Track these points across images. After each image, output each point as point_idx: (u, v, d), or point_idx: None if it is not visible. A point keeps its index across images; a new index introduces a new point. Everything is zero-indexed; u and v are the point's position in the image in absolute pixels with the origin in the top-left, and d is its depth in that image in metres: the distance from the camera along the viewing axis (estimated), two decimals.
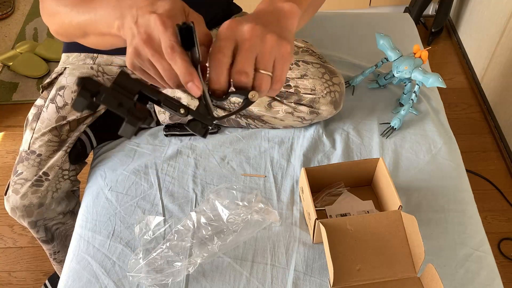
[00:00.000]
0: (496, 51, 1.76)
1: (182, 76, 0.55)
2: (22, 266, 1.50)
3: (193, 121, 0.58)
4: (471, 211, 0.95)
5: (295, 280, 0.85)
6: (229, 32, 0.57)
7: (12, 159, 1.78)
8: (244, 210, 0.89)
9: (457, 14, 2.13)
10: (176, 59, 0.55)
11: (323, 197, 0.95)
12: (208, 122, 0.58)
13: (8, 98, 1.98)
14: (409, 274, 0.81)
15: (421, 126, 1.09)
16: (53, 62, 2.10)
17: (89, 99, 0.53)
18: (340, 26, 1.35)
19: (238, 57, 0.56)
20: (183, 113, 0.57)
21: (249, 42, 0.56)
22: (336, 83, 1.01)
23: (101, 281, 0.86)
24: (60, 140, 1.00)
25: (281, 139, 1.07)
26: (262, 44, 0.57)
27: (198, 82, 0.56)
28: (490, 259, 0.88)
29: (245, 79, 0.56)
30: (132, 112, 0.54)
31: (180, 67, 0.55)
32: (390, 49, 1.07)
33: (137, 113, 0.54)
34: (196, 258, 0.85)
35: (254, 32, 0.56)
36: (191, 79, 0.55)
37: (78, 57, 1.06)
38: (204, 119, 0.58)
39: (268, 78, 0.58)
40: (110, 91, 0.54)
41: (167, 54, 0.55)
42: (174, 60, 0.55)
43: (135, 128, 0.55)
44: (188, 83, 0.56)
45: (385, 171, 0.89)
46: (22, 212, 1.00)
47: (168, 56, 0.55)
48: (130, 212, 0.95)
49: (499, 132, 1.74)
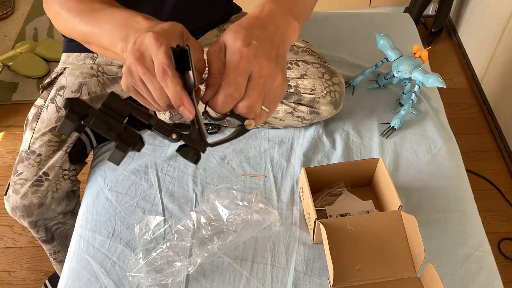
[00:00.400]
0: (496, 51, 1.76)
1: (173, 99, 0.54)
2: (22, 266, 1.50)
3: (184, 146, 0.56)
4: (471, 211, 0.94)
5: (295, 280, 0.85)
6: (246, 64, 0.55)
7: (12, 159, 1.78)
8: (244, 210, 0.89)
9: (457, 14, 2.13)
10: (167, 83, 0.54)
11: (323, 197, 0.95)
12: (200, 148, 0.56)
13: (8, 98, 1.98)
14: (409, 274, 0.81)
15: (421, 126, 1.09)
16: (53, 62, 2.10)
17: (77, 122, 0.51)
18: (340, 26, 1.35)
19: (251, 91, 0.56)
20: (175, 138, 0.54)
21: (263, 80, 0.56)
22: (336, 83, 1.01)
23: (101, 281, 0.86)
24: (60, 140, 1.00)
25: (281, 139, 1.07)
26: (272, 83, 0.58)
27: (190, 107, 0.54)
28: (490, 259, 0.88)
29: (252, 116, 0.56)
30: (122, 138, 0.52)
31: (171, 91, 0.54)
32: (390, 49, 1.07)
33: (127, 139, 0.52)
34: (196, 258, 0.85)
35: (269, 70, 0.56)
36: (181, 103, 0.54)
37: (78, 57, 1.06)
38: (197, 145, 0.56)
39: (266, 114, 0.58)
40: (99, 114, 0.51)
41: (159, 76, 0.54)
42: (165, 83, 0.54)
43: (124, 154, 0.52)
44: (179, 107, 0.55)
45: (385, 171, 0.89)
46: (22, 212, 1.00)
47: (159, 78, 0.54)
48: (130, 212, 0.95)
49: (499, 132, 1.74)
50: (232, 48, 0.56)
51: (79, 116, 0.51)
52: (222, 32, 1.10)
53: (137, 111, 0.53)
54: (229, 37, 0.57)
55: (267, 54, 0.57)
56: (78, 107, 0.51)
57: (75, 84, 1.01)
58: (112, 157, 0.53)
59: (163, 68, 0.53)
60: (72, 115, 0.50)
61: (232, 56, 0.56)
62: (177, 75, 0.54)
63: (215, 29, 1.10)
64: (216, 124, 1.08)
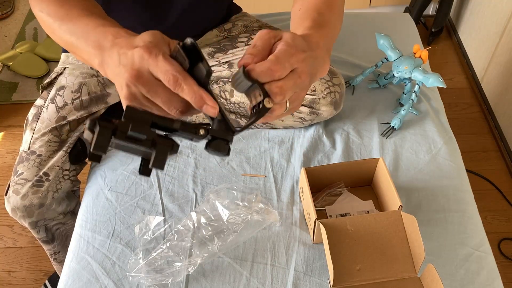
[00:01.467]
0: (496, 51, 1.76)
1: (194, 101, 0.52)
2: (22, 266, 1.50)
3: (213, 140, 0.54)
4: (471, 211, 0.94)
5: (295, 280, 0.85)
6: (296, 60, 0.57)
7: (12, 159, 1.78)
8: (244, 210, 0.89)
9: (457, 14, 2.13)
10: (182, 87, 0.52)
11: (323, 197, 0.95)
12: (229, 138, 0.55)
13: (8, 98, 1.98)
14: (409, 274, 0.81)
15: (421, 126, 1.09)
16: (53, 62, 2.10)
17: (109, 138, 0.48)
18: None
19: (288, 79, 0.56)
20: (203, 134, 0.53)
21: (300, 80, 0.57)
22: (336, 84, 1.01)
23: (101, 281, 0.86)
24: (60, 140, 1.00)
25: (281, 139, 1.07)
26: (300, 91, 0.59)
27: (213, 103, 0.53)
28: (490, 259, 0.88)
29: (278, 99, 0.56)
30: (160, 141, 0.50)
31: (189, 94, 0.52)
32: (390, 49, 1.07)
33: (164, 141, 0.50)
34: (196, 258, 0.85)
35: (305, 78, 0.58)
36: (203, 102, 0.53)
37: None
38: (226, 135, 0.54)
39: (285, 107, 0.58)
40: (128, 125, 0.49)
41: (171, 85, 0.52)
42: (181, 89, 0.52)
43: (166, 157, 0.50)
44: (202, 107, 0.53)
45: (385, 171, 0.89)
46: (23, 213, 1.00)
47: (172, 87, 0.52)
48: (130, 212, 0.95)
49: (499, 132, 1.74)
50: (289, 41, 0.57)
51: (111, 131, 0.49)
52: (222, 32, 1.10)
53: (159, 118, 0.51)
54: (288, 34, 0.58)
55: (310, 68, 0.59)
56: (106, 124, 0.49)
57: (75, 84, 1.01)
58: (155, 163, 0.50)
59: (173, 75, 0.52)
60: (105, 131, 0.48)
61: (288, 46, 0.57)
62: (189, 76, 0.53)
63: (215, 29, 1.10)
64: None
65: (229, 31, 1.11)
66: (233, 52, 1.06)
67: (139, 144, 0.49)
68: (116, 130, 0.48)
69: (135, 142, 0.49)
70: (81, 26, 0.64)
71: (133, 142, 0.49)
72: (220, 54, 1.06)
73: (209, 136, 0.54)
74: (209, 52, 1.07)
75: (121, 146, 0.51)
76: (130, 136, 0.49)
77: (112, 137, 0.48)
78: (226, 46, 1.07)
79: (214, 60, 1.06)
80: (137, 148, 0.50)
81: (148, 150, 0.50)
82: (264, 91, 0.55)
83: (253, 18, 1.15)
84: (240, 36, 1.09)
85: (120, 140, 0.49)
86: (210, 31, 1.10)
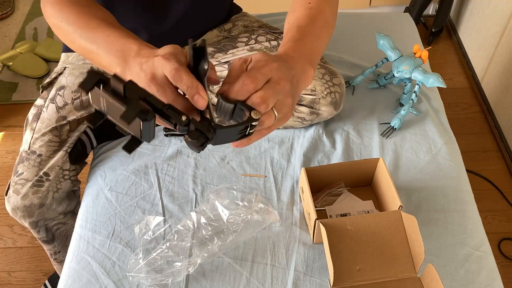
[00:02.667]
0: (496, 51, 1.76)
1: (189, 90, 0.57)
2: (22, 266, 1.50)
3: (194, 132, 0.57)
4: (471, 211, 0.95)
5: (295, 280, 0.85)
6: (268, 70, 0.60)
7: (12, 159, 1.78)
8: (244, 210, 0.89)
9: (457, 14, 2.13)
10: (181, 77, 0.57)
11: (323, 197, 0.95)
12: (209, 135, 0.57)
13: (8, 98, 1.98)
14: (409, 274, 0.81)
15: (421, 126, 1.09)
16: (53, 62, 2.10)
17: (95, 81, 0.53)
18: (340, 26, 1.34)
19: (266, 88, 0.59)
20: (184, 120, 0.56)
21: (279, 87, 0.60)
22: (337, 84, 1.01)
23: (101, 281, 0.86)
24: (61, 140, 1.00)
25: (281, 139, 1.07)
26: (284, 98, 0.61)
27: (204, 94, 0.57)
28: (490, 259, 0.88)
29: (263, 108, 0.58)
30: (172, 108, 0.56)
31: (186, 82, 0.57)
32: (390, 49, 1.07)
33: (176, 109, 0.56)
34: (196, 258, 0.85)
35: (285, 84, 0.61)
36: (196, 91, 0.57)
37: (78, 57, 1.06)
38: (207, 131, 0.57)
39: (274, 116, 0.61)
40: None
41: (172, 76, 0.57)
42: (180, 78, 0.57)
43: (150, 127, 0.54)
44: (194, 96, 0.57)
45: (385, 171, 0.89)
46: (23, 213, 1.00)
47: (173, 78, 0.57)
48: (130, 212, 0.95)
49: (499, 132, 1.74)
50: (257, 58, 0.62)
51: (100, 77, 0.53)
52: (222, 32, 1.10)
53: (150, 96, 0.55)
54: (256, 54, 0.63)
55: (286, 74, 0.62)
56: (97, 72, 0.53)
57: (75, 84, 1.01)
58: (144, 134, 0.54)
59: (175, 68, 0.57)
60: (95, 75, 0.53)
61: (256, 63, 0.61)
62: (188, 71, 0.58)
63: (215, 30, 1.10)
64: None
65: (229, 31, 1.11)
66: (233, 52, 1.06)
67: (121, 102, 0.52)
68: (107, 84, 0.53)
69: (119, 100, 0.52)
70: (102, 36, 0.70)
71: (118, 99, 0.52)
72: (220, 54, 1.07)
73: (192, 127, 0.57)
74: (209, 52, 1.07)
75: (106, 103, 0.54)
76: (115, 92, 0.53)
77: (101, 86, 0.53)
78: (226, 46, 1.07)
79: (215, 60, 1.06)
80: (118, 107, 0.53)
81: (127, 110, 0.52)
82: (248, 106, 0.58)
83: (253, 18, 1.15)
84: (240, 36, 1.09)
85: (106, 93, 0.53)
86: (210, 31, 1.10)
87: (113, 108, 0.54)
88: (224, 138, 0.61)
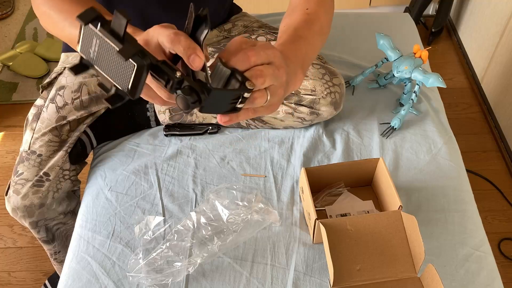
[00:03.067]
0: (496, 51, 1.76)
1: (186, 51, 0.56)
2: (22, 266, 1.50)
3: (187, 88, 0.56)
4: (471, 211, 0.94)
5: (295, 280, 0.85)
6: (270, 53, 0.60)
7: (12, 159, 1.78)
8: (244, 210, 0.89)
9: (457, 14, 2.13)
10: (180, 39, 0.56)
11: (323, 197, 0.95)
12: (202, 96, 0.56)
13: (8, 98, 1.98)
14: (409, 274, 0.81)
15: (421, 126, 1.09)
16: (53, 62, 2.10)
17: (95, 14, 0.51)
18: (340, 26, 1.35)
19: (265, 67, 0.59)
20: (179, 76, 0.55)
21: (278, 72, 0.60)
22: (336, 84, 1.01)
23: (101, 281, 0.86)
24: (61, 140, 1.00)
25: (281, 139, 1.07)
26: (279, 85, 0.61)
27: (201, 54, 0.56)
28: (490, 259, 0.88)
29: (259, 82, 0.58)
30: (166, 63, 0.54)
31: (184, 44, 0.56)
32: (390, 49, 1.07)
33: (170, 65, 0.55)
34: (196, 258, 0.85)
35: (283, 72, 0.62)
36: (194, 51, 0.56)
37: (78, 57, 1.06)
38: (200, 89, 0.55)
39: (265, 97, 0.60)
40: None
41: (171, 38, 0.56)
42: (178, 40, 0.56)
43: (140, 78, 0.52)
44: (191, 56, 0.56)
45: (385, 171, 0.89)
46: (23, 213, 1.00)
47: (172, 40, 0.56)
48: (130, 212, 0.95)
49: (499, 132, 1.74)
50: (264, 43, 0.62)
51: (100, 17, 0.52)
52: (222, 33, 1.10)
53: (146, 50, 0.54)
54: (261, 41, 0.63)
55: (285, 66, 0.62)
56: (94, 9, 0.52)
57: (75, 84, 1.01)
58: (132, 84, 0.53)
59: (175, 32, 0.57)
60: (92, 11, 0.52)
61: (263, 44, 0.61)
62: (187, 35, 0.57)
63: (215, 30, 1.10)
64: (216, 124, 1.08)
65: (229, 31, 1.11)
66: None
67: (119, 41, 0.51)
68: (106, 24, 0.52)
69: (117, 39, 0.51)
70: None
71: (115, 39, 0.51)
72: None
73: (186, 84, 0.55)
74: (209, 52, 1.07)
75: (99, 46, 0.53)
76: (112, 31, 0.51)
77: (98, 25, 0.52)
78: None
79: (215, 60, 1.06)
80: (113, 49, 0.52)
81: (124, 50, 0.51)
82: (244, 77, 0.58)
83: (253, 18, 1.15)
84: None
85: (103, 31, 0.51)
86: (211, 31, 1.10)
87: (106, 51, 0.53)
88: (214, 105, 0.59)
